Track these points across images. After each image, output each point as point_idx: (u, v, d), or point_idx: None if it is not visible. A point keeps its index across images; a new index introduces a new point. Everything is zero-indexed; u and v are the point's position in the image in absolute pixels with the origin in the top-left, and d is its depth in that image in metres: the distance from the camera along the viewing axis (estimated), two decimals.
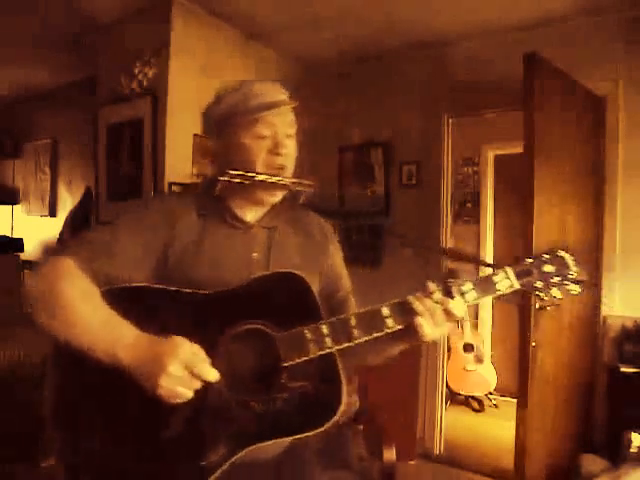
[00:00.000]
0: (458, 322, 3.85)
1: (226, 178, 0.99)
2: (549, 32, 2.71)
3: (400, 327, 0.93)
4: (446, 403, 3.37)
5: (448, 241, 3.15)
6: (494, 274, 0.97)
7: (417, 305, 0.92)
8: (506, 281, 0.96)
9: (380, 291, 1.04)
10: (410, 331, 0.93)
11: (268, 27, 2.93)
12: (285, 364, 0.91)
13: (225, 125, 1.05)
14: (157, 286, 0.95)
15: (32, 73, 3.79)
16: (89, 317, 0.88)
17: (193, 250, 1.01)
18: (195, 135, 2.67)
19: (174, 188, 2.55)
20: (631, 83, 2.55)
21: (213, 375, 0.84)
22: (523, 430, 2.19)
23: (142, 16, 2.68)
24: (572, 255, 1.02)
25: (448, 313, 0.93)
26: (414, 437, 2.95)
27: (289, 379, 0.92)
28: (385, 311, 0.93)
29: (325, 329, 0.91)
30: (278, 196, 1.06)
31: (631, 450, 2.15)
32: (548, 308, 2.24)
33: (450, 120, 3.11)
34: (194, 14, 2.69)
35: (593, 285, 1.03)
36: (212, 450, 0.89)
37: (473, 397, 3.84)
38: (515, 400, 2.29)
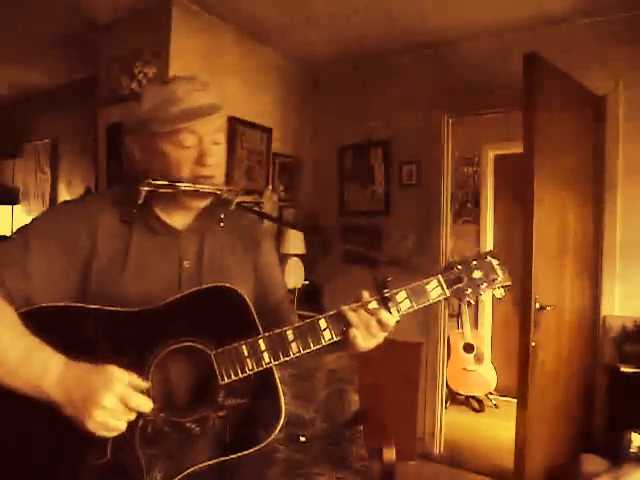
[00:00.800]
0: (458, 322, 3.85)
1: (148, 188, 0.91)
2: (549, 32, 2.71)
3: (337, 339, 0.92)
4: (446, 403, 3.37)
5: (448, 241, 3.15)
6: (427, 283, 0.97)
7: (352, 316, 0.91)
8: (438, 289, 0.97)
9: None
10: (346, 341, 0.92)
11: (268, 27, 2.93)
12: (222, 382, 0.87)
13: (146, 128, 0.94)
14: (81, 305, 0.88)
15: (32, 73, 3.79)
16: (7, 347, 0.79)
17: (118, 262, 0.93)
18: None
19: None
20: (631, 83, 2.55)
21: (148, 406, 0.81)
22: (523, 430, 2.19)
23: (142, 16, 2.68)
24: (498, 260, 1.03)
25: (382, 324, 0.92)
26: (414, 437, 2.95)
27: (226, 397, 0.89)
28: (322, 323, 0.92)
29: (262, 344, 0.89)
30: (206, 201, 0.98)
31: (631, 450, 2.15)
32: (548, 308, 2.24)
33: (450, 120, 3.11)
34: (194, 14, 2.69)
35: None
36: (148, 476, 0.84)
37: (473, 397, 3.84)
38: (515, 400, 2.29)
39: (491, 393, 3.87)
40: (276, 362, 0.90)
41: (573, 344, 2.54)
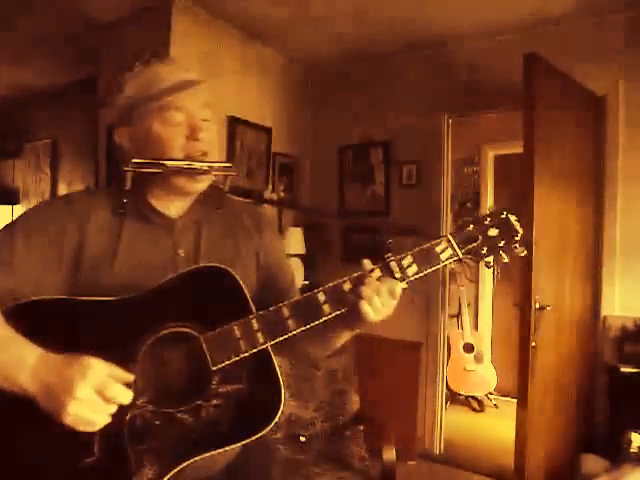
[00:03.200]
0: (458, 322, 3.85)
1: (132, 168, 0.87)
2: (549, 32, 2.71)
3: (338, 312, 0.87)
4: (446, 403, 3.37)
5: None
6: (435, 245, 0.90)
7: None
8: (448, 250, 0.90)
9: None
10: (351, 315, 0.87)
11: (268, 27, 2.93)
12: (214, 367, 0.82)
13: (132, 113, 0.94)
14: (62, 297, 0.85)
15: (32, 73, 3.79)
16: None
17: (109, 254, 0.91)
18: None
19: None
20: (631, 83, 2.55)
21: (127, 397, 0.77)
22: (523, 430, 2.19)
23: (142, 16, 2.68)
24: (515, 215, 0.95)
25: (390, 292, 0.87)
26: (414, 437, 2.96)
27: (220, 383, 0.84)
28: (321, 296, 0.86)
29: (255, 324, 0.84)
30: (204, 183, 0.94)
31: (631, 450, 2.15)
32: (548, 308, 2.24)
33: (450, 120, 3.11)
34: (194, 14, 2.69)
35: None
36: (138, 473, 0.80)
37: (473, 397, 3.84)
38: (515, 400, 2.29)
39: (491, 393, 3.87)
40: (272, 342, 0.84)
41: (573, 344, 2.54)
